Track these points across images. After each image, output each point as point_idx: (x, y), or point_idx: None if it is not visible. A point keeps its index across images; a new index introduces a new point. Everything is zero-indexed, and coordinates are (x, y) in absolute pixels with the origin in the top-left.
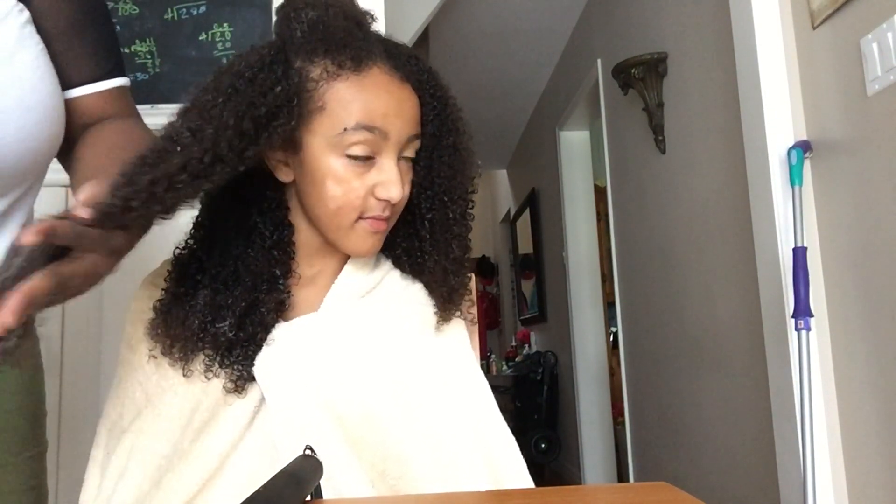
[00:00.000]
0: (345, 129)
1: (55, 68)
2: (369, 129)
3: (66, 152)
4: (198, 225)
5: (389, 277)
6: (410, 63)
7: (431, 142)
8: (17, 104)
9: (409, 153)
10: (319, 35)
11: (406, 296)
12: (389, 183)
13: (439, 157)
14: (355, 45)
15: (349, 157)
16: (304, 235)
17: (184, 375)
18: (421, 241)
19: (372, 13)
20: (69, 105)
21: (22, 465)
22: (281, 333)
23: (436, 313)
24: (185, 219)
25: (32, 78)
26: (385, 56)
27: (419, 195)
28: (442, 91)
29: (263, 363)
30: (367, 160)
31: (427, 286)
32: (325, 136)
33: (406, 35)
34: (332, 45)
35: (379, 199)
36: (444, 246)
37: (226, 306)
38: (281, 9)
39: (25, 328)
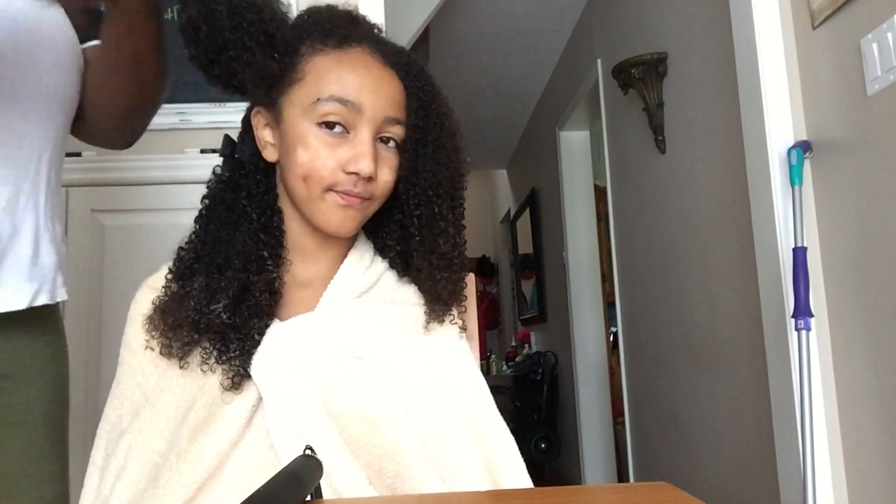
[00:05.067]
0: (318, 99)
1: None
2: (342, 101)
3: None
4: (198, 218)
5: (385, 278)
6: (400, 55)
7: (416, 134)
8: (51, 43)
9: (390, 135)
10: (312, 20)
11: (401, 296)
12: (360, 156)
13: (424, 152)
14: (342, 28)
15: (321, 127)
16: (295, 226)
17: (180, 368)
18: (411, 238)
19: (379, 26)
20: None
21: (60, 451)
22: (277, 332)
23: (425, 312)
24: (184, 227)
25: (64, 27)
26: (371, 41)
27: (407, 191)
28: (430, 86)
29: (260, 362)
30: (341, 135)
31: (418, 285)
32: (301, 106)
33: (406, 35)
34: (321, 27)
35: (348, 174)
36: (430, 242)
37: (219, 289)
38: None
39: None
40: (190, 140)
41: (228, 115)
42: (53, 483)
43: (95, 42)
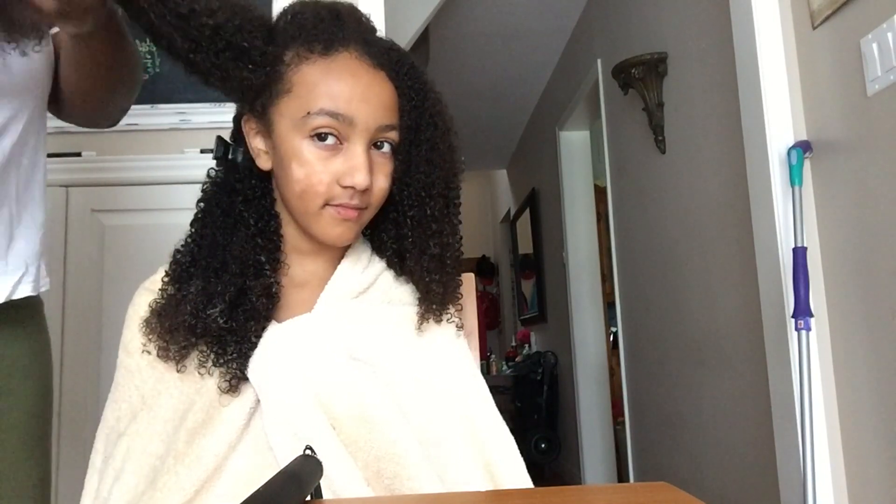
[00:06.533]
0: (308, 113)
1: None
2: (332, 114)
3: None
4: (193, 221)
5: (382, 278)
6: (389, 54)
7: (409, 135)
8: None
9: (384, 143)
10: (297, 23)
11: (399, 295)
12: (354, 170)
13: (417, 152)
14: (327, 32)
15: (313, 140)
16: (291, 230)
17: (177, 371)
18: (404, 239)
19: (367, 16)
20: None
21: (41, 455)
22: (275, 334)
23: (417, 313)
24: (184, 227)
25: None
26: (360, 43)
27: (401, 191)
28: (422, 84)
29: (257, 364)
30: (334, 146)
31: (413, 285)
32: (291, 119)
33: (406, 35)
34: (305, 31)
35: (344, 187)
36: (422, 244)
37: (216, 293)
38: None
39: None
40: (190, 140)
41: (228, 115)
42: (34, 488)
43: None
